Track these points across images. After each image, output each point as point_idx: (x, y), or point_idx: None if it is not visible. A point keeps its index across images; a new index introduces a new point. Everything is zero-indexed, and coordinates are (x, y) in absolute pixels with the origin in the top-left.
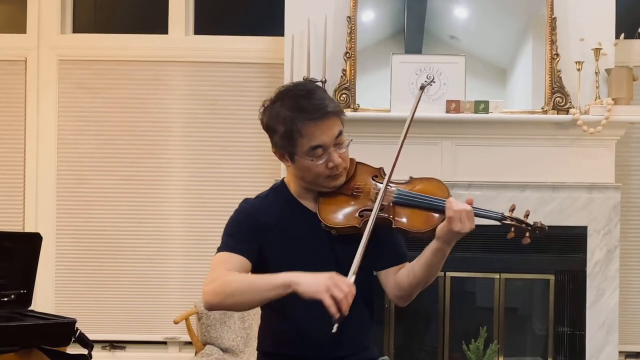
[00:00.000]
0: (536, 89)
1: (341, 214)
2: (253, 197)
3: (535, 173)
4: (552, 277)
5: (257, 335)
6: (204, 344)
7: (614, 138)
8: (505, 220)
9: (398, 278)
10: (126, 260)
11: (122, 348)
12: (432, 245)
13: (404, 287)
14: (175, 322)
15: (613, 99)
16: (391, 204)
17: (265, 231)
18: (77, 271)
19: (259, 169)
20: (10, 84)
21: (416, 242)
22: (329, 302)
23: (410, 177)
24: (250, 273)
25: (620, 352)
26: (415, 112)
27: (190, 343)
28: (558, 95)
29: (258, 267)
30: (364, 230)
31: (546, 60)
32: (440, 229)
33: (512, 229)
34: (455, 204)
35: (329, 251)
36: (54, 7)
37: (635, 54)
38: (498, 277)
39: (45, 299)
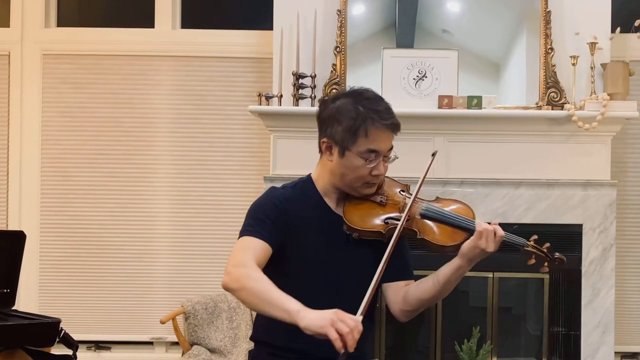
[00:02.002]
0: (530, 84)
1: (367, 219)
2: (280, 186)
3: (530, 170)
4: (546, 276)
5: (245, 334)
6: (191, 345)
7: (609, 134)
8: (527, 247)
9: (407, 293)
10: (112, 258)
11: (108, 348)
12: (454, 262)
13: (412, 302)
14: (162, 322)
15: (609, 94)
16: (418, 217)
17: (291, 221)
18: (61, 270)
19: (247, 166)
20: None
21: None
22: (334, 336)
23: (437, 197)
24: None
25: (616, 352)
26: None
27: (177, 343)
28: (552, 91)
29: (275, 257)
30: (387, 237)
31: (540, 54)
32: (466, 244)
33: (533, 256)
34: (484, 223)
35: (346, 255)
36: (38, 0)
37: (631, 49)
38: (491, 276)
39: (29, 298)
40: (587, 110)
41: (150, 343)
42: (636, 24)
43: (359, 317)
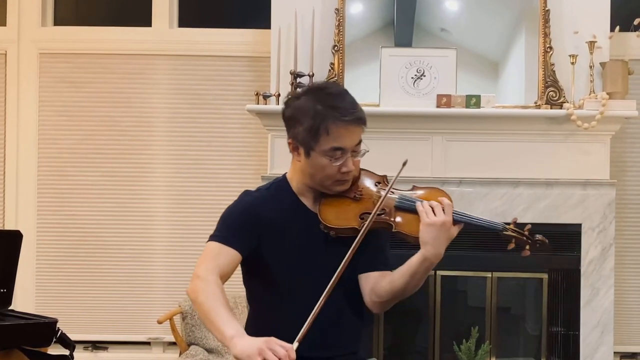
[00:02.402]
0: (529, 83)
1: (342, 216)
2: (254, 189)
3: (528, 169)
4: (545, 276)
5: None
6: (189, 345)
7: (608, 133)
8: (507, 231)
9: (377, 284)
10: (109, 258)
11: (105, 349)
12: (419, 253)
13: (382, 294)
14: (159, 322)
15: (608, 94)
16: (393, 209)
17: (264, 226)
18: (58, 270)
19: (245, 165)
20: None
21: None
22: None
23: (413, 186)
24: (240, 266)
25: (615, 352)
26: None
27: (174, 343)
28: (551, 90)
29: (252, 260)
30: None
31: (539, 53)
32: (420, 228)
33: (513, 240)
34: (438, 208)
35: (324, 253)
36: None
37: (630, 47)
38: (490, 275)
39: (26, 298)
40: (586, 109)
41: (147, 343)
42: (635, 22)
43: (294, 344)
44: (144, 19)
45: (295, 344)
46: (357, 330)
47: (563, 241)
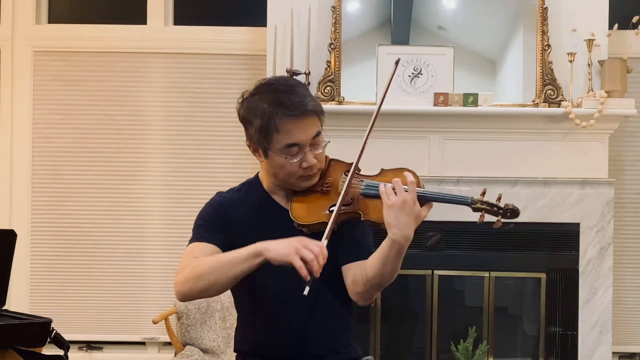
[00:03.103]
0: (527, 81)
1: (312, 212)
2: (225, 190)
3: (526, 168)
4: (543, 276)
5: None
6: (184, 345)
7: (607, 132)
8: (475, 204)
9: (355, 273)
10: (104, 258)
11: (99, 349)
12: (387, 237)
13: (359, 282)
14: (154, 322)
15: (606, 92)
16: (360, 197)
17: (235, 226)
18: (52, 269)
19: (241, 164)
20: None
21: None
22: (298, 264)
23: (382, 169)
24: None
25: (613, 352)
26: (387, 89)
27: (169, 344)
28: (549, 88)
29: None
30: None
31: (537, 51)
32: (384, 212)
33: (482, 212)
34: (398, 186)
35: None
36: None
37: (629, 45)
38: (487, 275)
39: (20, 298)
40: (584, 107)
41: (142, 343)
42: (634, 20)
43: (323, 241)
44: (139, 16)
45: (325, 241)
46: (344, 324)
47: (561, 241)
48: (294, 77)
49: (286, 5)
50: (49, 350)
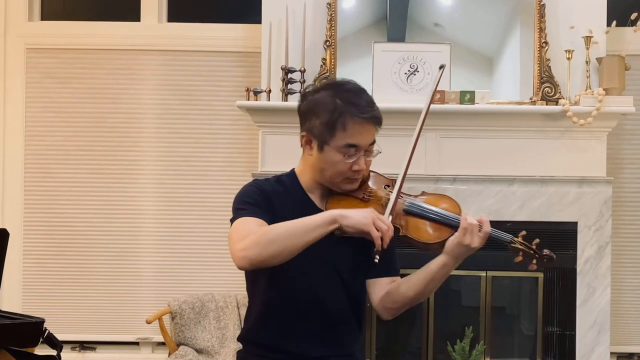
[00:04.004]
0: (524, 79)
1: None
2: (262, 179)
3: (524, 166)
4: (540, 275)
5: (233, 334)
6: (178, 345)
7: (605, 130)
8: (514, 244)
9: (392, 289)
10: (97, 257)
11: (93, 349)
12: (439, 259)
13: (397, 299)
14: (148, 322)
15: (604, 89)
16: (402, 213)
17: (274, 214)
18: (45, 268)
19: (235, 162)
20: None
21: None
22: (376, 234)
23: (423, 192)
24: None
25: (611, 353)
26: (432, 98)
27: (163, 344)
28: (547, 85)
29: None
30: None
31: (534, 48)
32: (451, 241)
33: (521, 253)
34: (470, 217)
35: (328, 251)
36: None
37: (627, 42)
38: (484, 275)
39: (12, 297)
40: (582, 105)
41: (136, 343)
42: (632, 17)
43: (388, 217)
44: (132, 13)
45: (390, 217)
46: (356, 333)
47: (559, 240)
48: (290, 74)
49: (281, 2)
50: (42, 350)
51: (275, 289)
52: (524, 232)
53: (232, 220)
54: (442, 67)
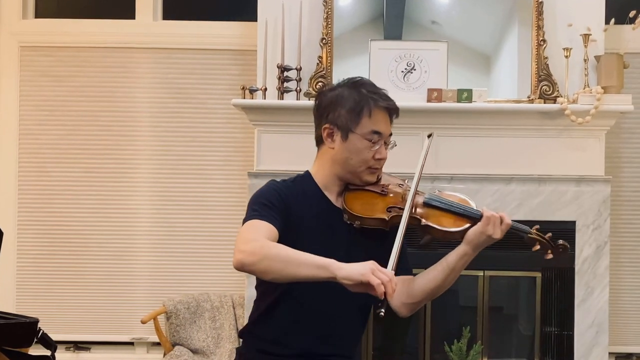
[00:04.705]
0: (522, 77)
1: (369, 207)
2: (278, 180)
3: (521, 165)
4: (538, 275)
5: (229, 334)
6: (173, 345)
7: (603, 128)
8: (532, 234)
9: (409, 285)
10: (91, 256)
11: (87, 349)
12: (459, 249)
13: (416, 294)
14: (143, 322)
15: (603, 88)
16: (421, 205)
17: (292, 216)
18: (39, 268)
19: (231, 161)
20: None
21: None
22: (376, 282)
23: (438, 191)
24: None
25: (610, 353)
26: (423, 166)
27: (158, 344)
28: (545, 84)
29: None
30: (390, 225)
31: (532, 46)
32: (473, 230)
33: (538, 242)
34: (491, 211)
35: (345, 250)
36: None
37: (625, 40)
38: (482, 274)
39: (6, 297)
40: (580, 103)
41: (131, 343)
42: (631, 14)
43: (391, 270)
44: (127, 11)
45: (392, 271)
46: (359, 334)
47: (557, 239)
48: (286, 72)
49: (277, 0)
50: (36, 350)
51: (284, 288)
52: (537, 226)
53: (244, 220)
54: (430, 135)
